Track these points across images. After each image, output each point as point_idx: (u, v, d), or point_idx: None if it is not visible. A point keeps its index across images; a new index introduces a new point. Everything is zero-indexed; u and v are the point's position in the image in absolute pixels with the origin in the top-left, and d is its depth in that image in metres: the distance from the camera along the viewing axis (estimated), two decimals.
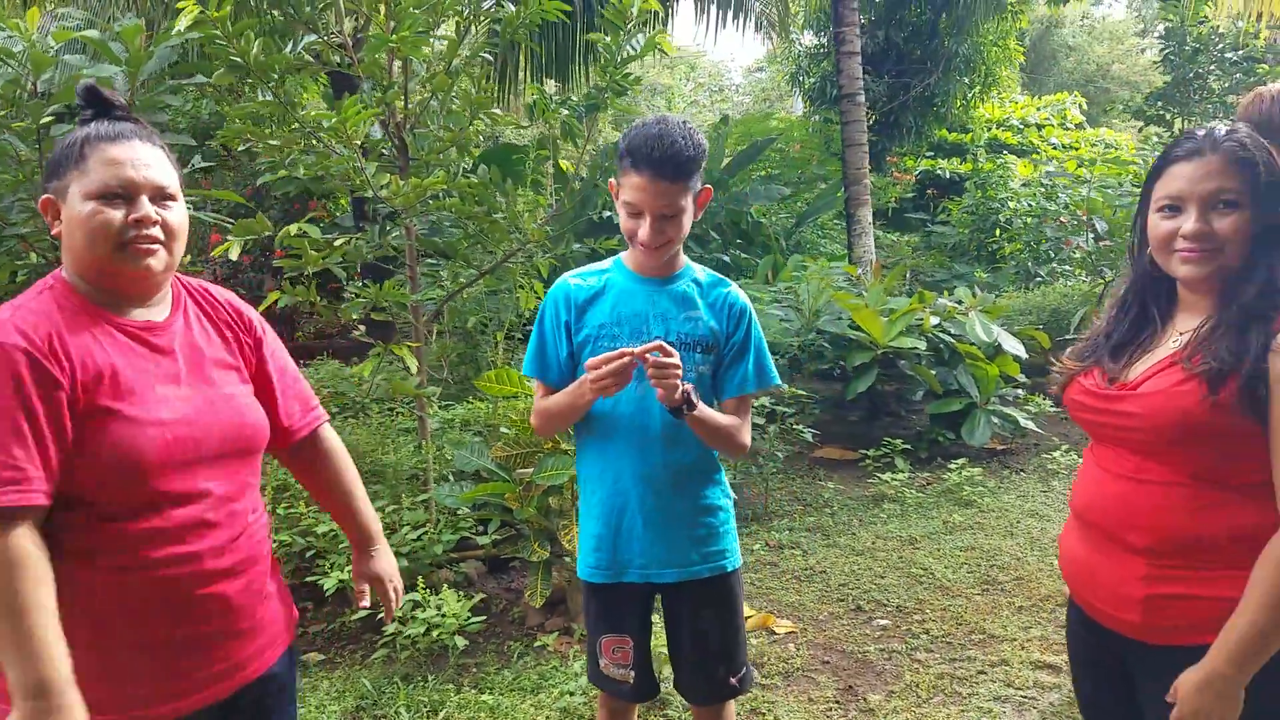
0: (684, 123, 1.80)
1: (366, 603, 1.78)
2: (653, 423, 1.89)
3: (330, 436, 1.74)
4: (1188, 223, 1.41)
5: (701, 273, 2.02)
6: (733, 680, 2.02)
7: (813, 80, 12.56)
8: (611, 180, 1.90)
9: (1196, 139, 1.43)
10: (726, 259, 7.99)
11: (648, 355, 1.72)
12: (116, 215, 1.35)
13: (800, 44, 12.85)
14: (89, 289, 1.40)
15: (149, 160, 1.39)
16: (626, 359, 1.73)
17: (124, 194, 1.36)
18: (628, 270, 1.97)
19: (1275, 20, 10.20)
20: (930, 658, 3.18)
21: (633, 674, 2.00)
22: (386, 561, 1.81)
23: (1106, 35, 28.48)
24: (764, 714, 2.85)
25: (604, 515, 1.96)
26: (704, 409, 1.83)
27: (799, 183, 10.72)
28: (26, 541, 1.22)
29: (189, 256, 5.22)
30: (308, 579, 3.37)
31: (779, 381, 2.07)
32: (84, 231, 1.35)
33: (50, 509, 1.27)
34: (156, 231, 1.38)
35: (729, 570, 2.01)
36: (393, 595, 1.81)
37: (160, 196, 1.40)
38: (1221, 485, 1.38)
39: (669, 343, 1.79)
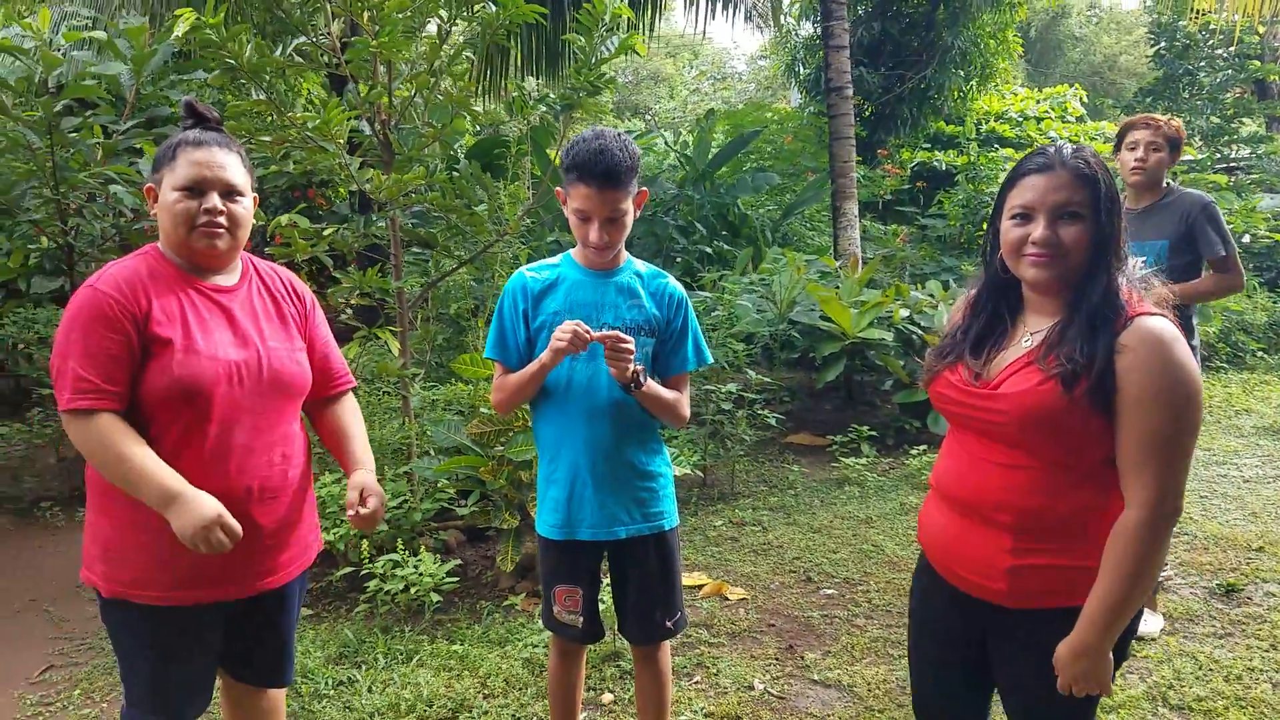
0: (619, 135, 2.07)
1: (355, 508, 1.92)
2: (601, 398, 2.16)
3: (352, 401, 2.11)
4: (1037, 230, 1.53)
5: (642, 266, 2.29)
6: (668, 624, 2.30)
7: (808, 71, 12.62)
8: (559, 189, 2.16)
9: (1048, 155, 1.55)
10: (710, 250, 8.15)
11: (607, 339, 2.01)
12: (192, 205, 1.72)
13: (797, 34, 12.93)
14: (177, 259, 1.79)
15: (224, 163, 1.76)
16: (588, 336, 2.01)
17: (200, 189, 1.73)
18: (577, 265, 2.24)
19: (1265, 17, 10.31)
20: (869, 623, 3.44)
21: (581, 619, 2.28)
22: (373, 479, 1.98)
23: (1114, 26, 28.46)
24: (709, 667, 3.12)
25: (559, 480, 2.22)
26: (651, 385, 2.12)
27: (790, 175, 10.86)
28: (106, 421, 1.63)
29: None
30: None
31: (712, 360, 2.36)
32: (168, 215, 1.74)
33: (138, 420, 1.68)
34: (223, 220, 1.75)
35: (667, 529, 2.28)
36: (373, 503, 1.93)
37: (230, 193, 1.77)
38: (1072, 469, 1.53)
39: (618, 328, 2.10)
